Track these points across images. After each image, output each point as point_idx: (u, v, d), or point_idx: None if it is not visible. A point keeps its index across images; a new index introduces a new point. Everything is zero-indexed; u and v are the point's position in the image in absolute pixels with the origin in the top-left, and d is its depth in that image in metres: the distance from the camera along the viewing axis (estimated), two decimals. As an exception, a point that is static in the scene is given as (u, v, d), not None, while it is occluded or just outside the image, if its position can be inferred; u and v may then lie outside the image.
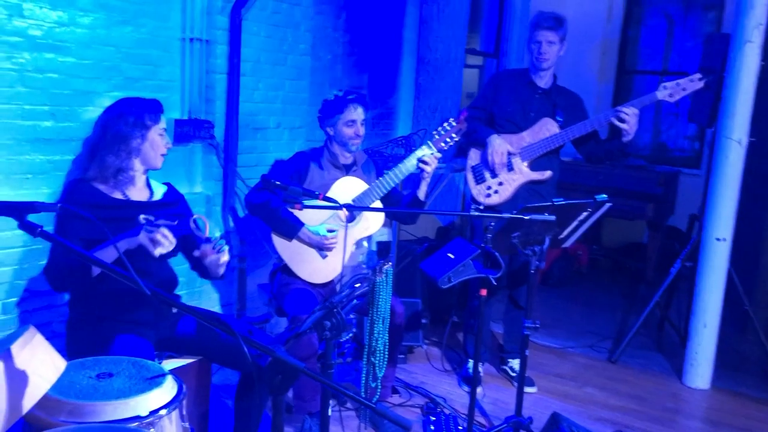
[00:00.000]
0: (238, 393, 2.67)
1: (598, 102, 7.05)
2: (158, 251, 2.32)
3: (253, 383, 2.62)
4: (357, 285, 2.26)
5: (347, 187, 3.24)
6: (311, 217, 3.21)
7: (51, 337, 2.60)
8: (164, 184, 2.78)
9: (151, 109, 2.59)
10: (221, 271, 2.61)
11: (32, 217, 1.53)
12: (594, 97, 6.99)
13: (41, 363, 1.52)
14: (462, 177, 4.81)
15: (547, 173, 3.60)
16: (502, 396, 3.72)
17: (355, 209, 3.17)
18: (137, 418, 1.71)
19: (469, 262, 2.48)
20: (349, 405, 3.45)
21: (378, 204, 3.27)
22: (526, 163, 3.59)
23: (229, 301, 4.18)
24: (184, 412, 1.93)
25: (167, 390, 1.85)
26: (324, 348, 2.16)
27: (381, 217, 3.32)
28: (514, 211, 2.69)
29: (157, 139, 2.58)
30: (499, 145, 3.54)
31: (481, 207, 3.56)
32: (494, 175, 3.61)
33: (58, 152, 3.27)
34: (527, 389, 3.80)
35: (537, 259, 2.98)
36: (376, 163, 3.52)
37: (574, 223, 3.03)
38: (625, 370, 4.23)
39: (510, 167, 3.59)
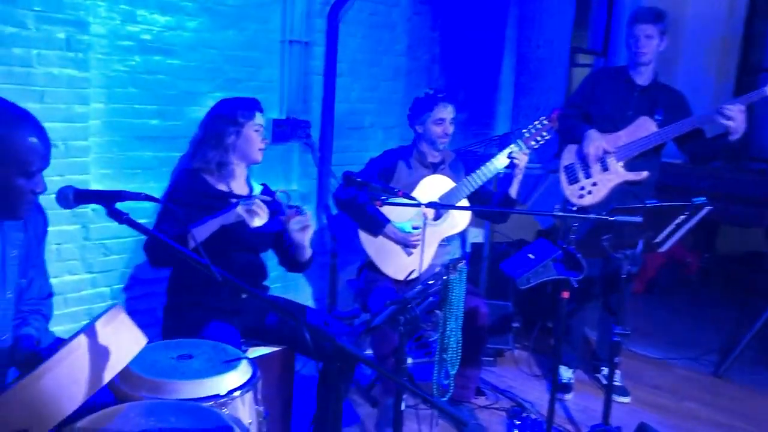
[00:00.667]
0: (319, 382, 2.76)
1: (716, 102, 6.66)
2: (255, 222, 2.45)
3: (333, 372, 2.71)
4: (430, 282, 2.29)
5: (434, 185, 3.26)
6: (398, 214, 3.26)
7: (154, 323, 2.81)
8: (261, 184, 2.93)
9: (246, 106, 2.75)
10: (307, 253, 2.70)
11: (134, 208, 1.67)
12: (712, 96, 6.62)
13: (123, 339, 1.65)
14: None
15: (644, 174, 3.46)
16: (593, 404, 3.61)
17: (435, 207, 3.19)
18: (212, 397, 1.81)
19: (549, 263, 2.44)
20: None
21: (465, 202, 3.27)
22: (621, 164, 3.48)
23: (321, 296, 4.31)
24: (259, 396, 2.03)
25: (242, 373, 1.95)
26: (399, 342, 2.20)
27: (468, 215, 3.31)
28: (604, 213, 2.61)
29: (251, 135, 2.72)
30: (596, 138, 3.45)
31: (574, 208, 3.48)
32: (588, 175, 3.52)
33: (164, 149, 3.51)
34: (620, 399, 3.67)
35: (629, 263, 2.89)
36: (465, 161, 3.52)
37: (671, 227, 2.90)
38: (731, 385, 3.99)
39: (605, 167, 3.49)
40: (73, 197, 1.64)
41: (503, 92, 5.53)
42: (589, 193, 3.50)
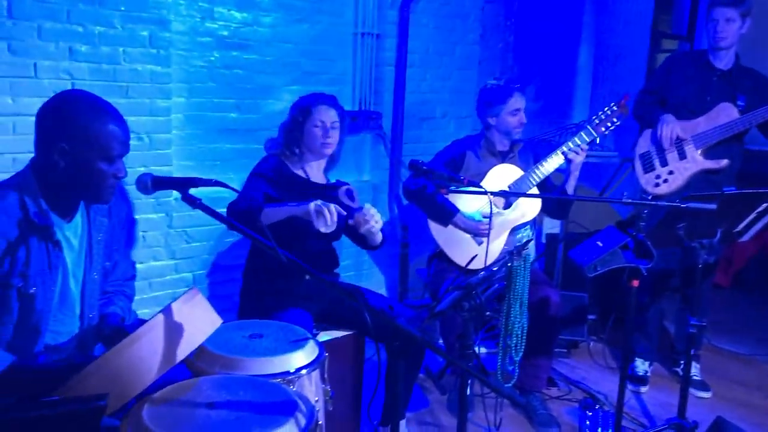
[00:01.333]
0: (388, 366, 2.83)
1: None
2: (320, 227, 2.53)
3: (402, 357, 2.77)
4: (494, 269, 2.31)
5: (503, 174, 3.26)
6: (467, 204, 3.28)
7: (232, 307, 2.95)
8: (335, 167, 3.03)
9: (307, 104, 2.85)
10: (378, 238, 2.79)
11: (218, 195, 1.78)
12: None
13: (199, 319, 1.77)
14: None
15: (723, 162, 3.34)
16: (671, 399, 3.52)
17: (500, 195, 3.19)
18: (281, 374, 1.91)
19: (617, 250, 2.41)
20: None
21: (534, 191, 3.26)
22: (699, 151, 3.37)
23: (393, 285, 4.38)
24: (326, 376, 2.12)
25: (309, 353, 2.04)
26: (463, 328, 2.23)
27: (537, 204, 3.30)
28: (677, 200, 2.55)
29: (312, 131, 2.82)
30: (669, 123, 3.35)
31: (649, 197, 3.40)
32: (664, 163, 3.43)
33: (242, 141, 3.66)
34: (700, 394, 3.57)
35: (706, 253, 2.81)
36: (534, 149, 3.50)
37: (752, 216, 2.80)
38: (822, 384, 3.81)
39: (682, 155, 3.39)
40: (151, 184, 1.76)
41: (580, 79, 5.43)
42: (665, 181, 3.42)
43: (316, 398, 1.99)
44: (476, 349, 2.28)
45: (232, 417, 1.59)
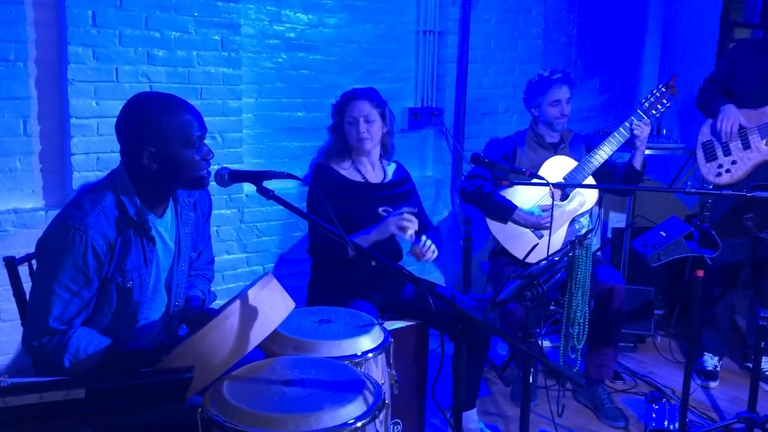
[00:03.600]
0: (454, 355, 2.90)
1: None
2: (409, 234, 2.64)
3: (467, 345, 2.83)
4: (556, 258, 2.35)
5: (557, 166, 3.29)
6: (524, 199, 3.33)
7: (301, 300, 3.07)
8: (393, 161, 3.09)
9: (339, 103, 2.91)
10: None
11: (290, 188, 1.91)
12: None
13: (275, 302, 1.90)
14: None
15: (791, 152, 3.28)
16: (740, 393, 3.48)
17: (562, 186, 3.22)
18: (349, 356, 2.02)
19: (681, 240, 2.42)
20: (569, 386, 3.51)
21: (590, 180, 3.27)
22: (765, 141, 3.31)
23: (455, 279, 4.45)
24: (391, 360, 2.22)
25: (374, 337, 2.15)
26: (526, 318, 2.28)
27: (595, 194, 3.32)
28: (744, 189, 2.54)
29: (348, 129, 2.87)
30: (731, 114, 3.31)
31: (710, 187, 3.36)
32: (727, 152, 3.38)
33: (308, 139, 3.81)
34: (773, 388, 3.52)
35: (776, 243, 2.78)
36: (585, 138, 3.52)
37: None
38: None
39: (746, 145, 3.34)
40: (228, 177, 1.89)
41: (646, 71, 5.37)
42: (728, 171, 3.37)
43: (383, 381, 2.09)
44: (540, 342, 2.34)
45: (306, 393, 1.71)
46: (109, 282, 1.89)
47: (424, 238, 2.74)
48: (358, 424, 1.63)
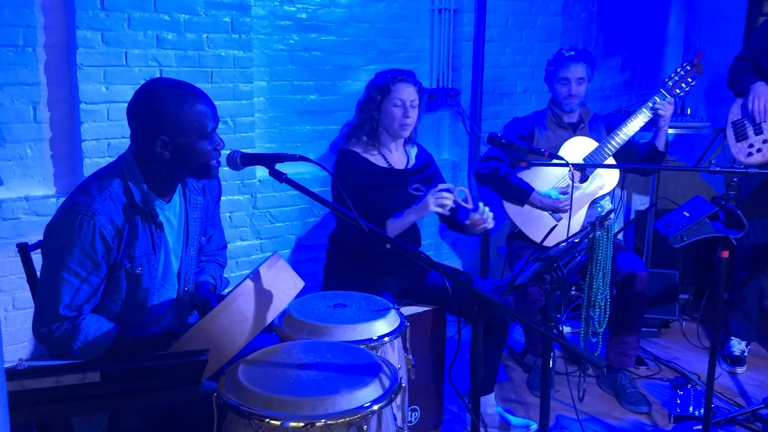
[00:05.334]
0: (472, 337, 2.92)
1: None
2: (449, 210, 2.67)
3: (484, 328, 2.85)
4: (576, 240, 2.35)
5: (576, 147, 3.28)
6: (541, 181, 3.32)
7: (316, 286, 3.10)
8: (414, 144, 3.08)
9: (385, 80, 2.84)
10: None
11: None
12: None
13: (283, 282, 1.92)
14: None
15: (825, 130, 3.24)
16: (769, 379, 3.48)
17: (581, 167, 3.21)
18: (365, 341, 2.05)
19: (705, 220, 2.41)
20: (591, 372, 3.52)
21: (611, 161, 3.26)
22: (798, 118, 3.28)
23: (473, 264, 4.46)
24: (408, 345, 2.24)
25: (390, 321, 2.17)
26: (546, 301, 2.29)
27: (616, 174, 3.31)
28: (770, 168, 2.53)
29: (391, 111, 2.82)
30: (761, 92, 3.28)
31: (741, 167, 3.34)
32: (758, 131, 3.36)
33: (321, 123, 3.83)
34: (801, 374, 3.50)
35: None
36: (606, 119, 3.50)
37: None
38: None
39: (780, 123, 3.31)
40: (240, 160, 1.91)
41: (670, 49, 5.32)
42: (759, 151, 3.34)
43: (399, 366, 2.11)
44: (560, 327, 2.34)
45: (321, 377, 1.74)
46: (117, 268, 1.92)
47: (482, 205, 2.76)
48: (375, 407, 1.66)
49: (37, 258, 2.17)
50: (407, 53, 4.08)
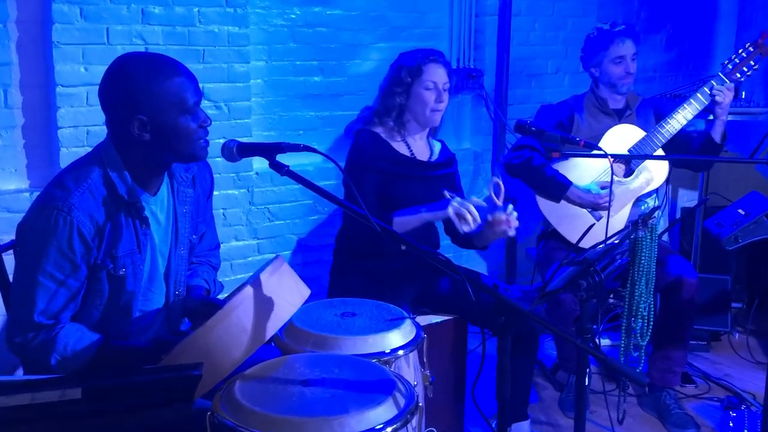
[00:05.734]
0: (498, 350, 2.92)
1: None
2: (464, 228, 2.65)
3: (514, 343, 2.85)
4: (616, 241, 2.35)
5: (622, 136, 3.27)
6: (580, 174, 3.31)
7: (321, 291, 3.11)
8: (437, 140, 3.11)
9: (414, 60, 2.85)
10: (489, 242, 2.89)
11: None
12: None
13: (287, 289, 1.93)
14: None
15: None
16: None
17: (623, 158, 3.20)
18: (376, 354, 2.05)
19: (763, 219, 2.41)
20: (631, 391, 3.51)
21: (660, 153, 3.25)
22: None
23: (498, 268, 4.46)
24: (425, 359, 2.25)
25: (405, 332, 2.17)
26: (581, 311, 2.29)
27: (665, 169, 3.29)
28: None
29: (422, 95, 2.83)
30: None
31: (803, 158, 3.32)
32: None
33: (326, 108, 3.83)
34: None
35: None
36: (655, 104, 3.48)
37: None
38: None
39: None
40: (237, 150, 1.91)
41: (722, 24, 5.29)
42: (823, 139, 3.33)
43: (415, 382, 2.11)
44: (597, 340, 2.34)
45: (327, 395, 1.74)
46: (98, 269, 1.93)
47: (511, 206, 2.76)
48: (388, 430, 1.66)
49: (9, 259, 2.18)
50: (423, 29, 4.08)
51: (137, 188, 1.97)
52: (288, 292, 1.92)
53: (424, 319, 2.80)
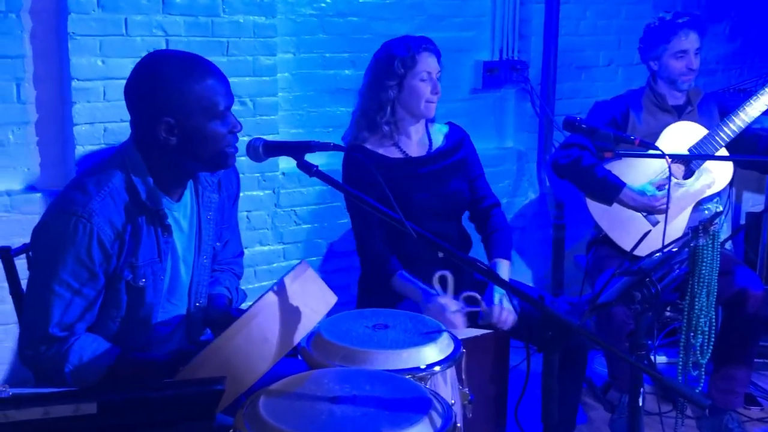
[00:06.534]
0: (544, 368, 2.89)
1: None
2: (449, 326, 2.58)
3: (561, 359, 2.82)
4: (674, 250, 2.32)
5: (681, 135, 3.24)
6: (634, 175, 3.28)
7: (350, 300, 3.12)
8: (446, 123, 3.06)
9: (405, 49, 2.81)
10: None
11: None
12: None
13: (312, 296, 1.93)
14: None
15: None
16: None
17: (682, 158, 3.17)
18: (410, 370, 2.04)
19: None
20: (689, 413, 3.47)
21: (723, 153, 3.21)
22: None
23: (544, 278, 4.43)
24: (463, 377, 2.24)
25: (442, 347, 2.16)
26: (636, 325, 2.27)
27: (729, 170, 3.25)
28: None
29: (417, 88, 2.80)
30: None
31: None
32: None
33: (358, 103, 3.84)
34: None
35: None
36: (719, 99, 3.44)
37: None
38: None
39: None
40: (263, 150, 1.93)
41: (793, 11, 5.21)
42: None
43: (453, 401, 2.11)
44: (652, 356, 2.31)
45: (358, 413, 1.74)
46: (117, 279, 1.95)
47: (498, 296, 2.70)
48: (424, 452, 1.66)
49: (21, 264, 2.22)
50: (463, 18, 4.08)
51: (160, 194, 1.99)
52: (312, 299, 1.93)
53: (462, 333, 2.79)
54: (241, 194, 3.30)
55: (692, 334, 2.34)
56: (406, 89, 2.82)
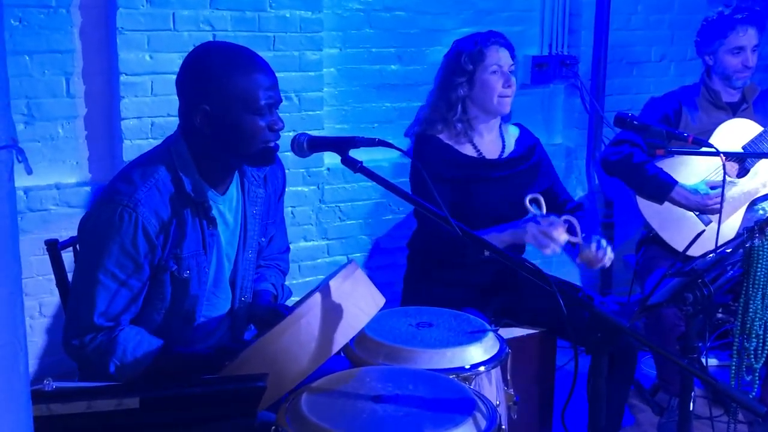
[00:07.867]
0: (591, 371, 2.86)
1: None
2: (546, 252, 2.61)
3: (609, 361, 2.78)
4: (728, 251, 2.28)
5: (735, 132, 3.19)
6: (686, 173, 3.23)
7: (395, 298, 3.11)
8: (515, 125, 3.04)
9: (474, 45, 2.79)
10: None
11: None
12: None
13: (361, 297, 1.93)
14: None
15: None
16: None
17: (737, 156, 3.10)
18: (454, 369, 2.03)
19: None
20: (741, 417, 3.40)
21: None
22: None
23: (592, 277, 4.38)
24: (508, 377, 2.21)
25: (487, 347, 2.14)
26: (687, 327, 2.23)
27: (786, 169, 3.19)
28: None
29: (488, 82, 2.77)
30: None
31: None
32: None
33: (404, 99, 3.83)
34: None
35: None
36: None
37: None
38: None
39: None
40: (307, 145, 1.92)
41: None
42: None
43: (497, 402, 2.09)
44: (703, 359, 2.27)
45: (401, 413, 1.73)
46: (162, 271, 1.96)
47: (596, 238, 2.66)
48: (468, 454, 1.64)
49: (68, 257, 2.25)
50: (511, 12, 4.04)
51: (206, 186, 2.00)
52: (362, 300, 1.92)
53: (507, 332, 2.77)
54: (286, 189, 3.31)
55: (746, 337, 2.30)
56: (477, 84, 2.78)
